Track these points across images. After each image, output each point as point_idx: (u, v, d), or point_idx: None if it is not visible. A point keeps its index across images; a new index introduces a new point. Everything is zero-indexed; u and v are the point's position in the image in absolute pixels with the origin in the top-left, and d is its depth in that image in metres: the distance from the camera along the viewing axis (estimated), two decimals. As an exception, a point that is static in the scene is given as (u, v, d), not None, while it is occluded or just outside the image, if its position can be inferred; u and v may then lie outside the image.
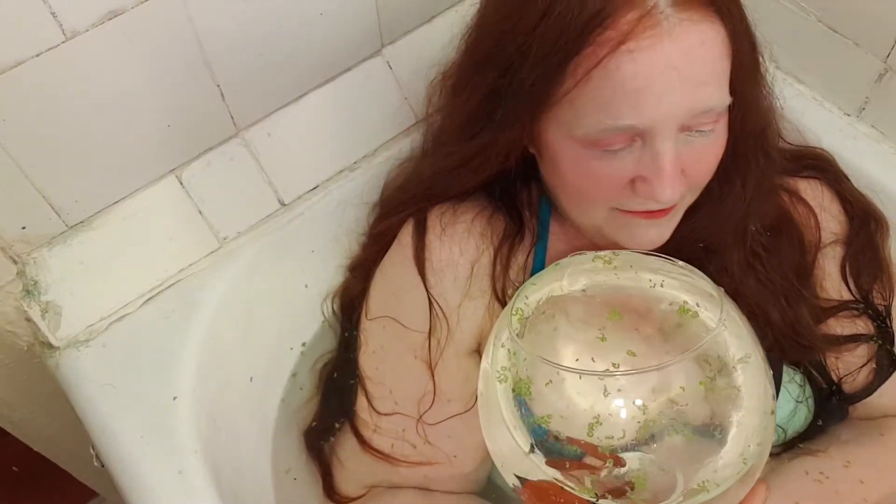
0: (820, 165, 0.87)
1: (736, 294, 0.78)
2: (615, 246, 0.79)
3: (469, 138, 0.75)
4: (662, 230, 0.74)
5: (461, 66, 0.77)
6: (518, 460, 0.65)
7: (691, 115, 0.65)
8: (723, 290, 0.69)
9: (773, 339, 0.79)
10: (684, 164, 0.68)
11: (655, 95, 0.63)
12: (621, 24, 0.62)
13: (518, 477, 0.66)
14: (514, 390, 0.66)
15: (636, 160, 0.67)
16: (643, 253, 0.72)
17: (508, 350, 0.67)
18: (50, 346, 0.82)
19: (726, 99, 0.66)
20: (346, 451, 0.84)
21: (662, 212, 0.71)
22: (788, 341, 0.80)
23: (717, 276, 0.78)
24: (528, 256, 0.82)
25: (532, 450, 0.64)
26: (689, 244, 0.79)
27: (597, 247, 0.82)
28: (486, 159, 0.75)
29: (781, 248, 0.81)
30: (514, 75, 0.67)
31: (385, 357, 0.82)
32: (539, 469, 0.63)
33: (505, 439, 0.66)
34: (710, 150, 0.69)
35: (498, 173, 0.77)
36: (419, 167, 0.89)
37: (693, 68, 0.63)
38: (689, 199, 0.74)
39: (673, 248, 0.79)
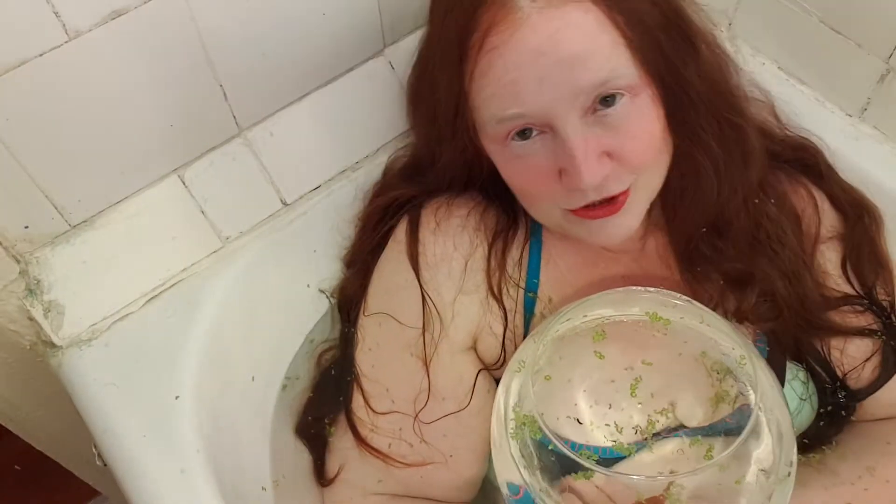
0: (805, 161, 0.86)
1: (747, 274, 0.79)
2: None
3: (435, 142, 0.80)
4: (623, 220, 0.72)
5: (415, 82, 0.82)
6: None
7: (581, 94, 0.65)
8: (752, 345, 0.72)
9: (785, 317, 0.79)
10: (606, 147, 0.67)
11: (533, 82, 0.65)
12: (482, 24, 0.65)
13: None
14: (524, 424, 0.69)
15: (552, 152, 0.68)
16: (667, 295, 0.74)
17: (517, 409, 0.70)
18: (52, 345, 0.82)
19: (622, 70, 0.66)
20: (342, 449, 0.84)
21: (611, 205, 0.70)
22: (798, 318, 0.80)
23: (728, 261, 0.79)
24: (522, 252, 0.82)
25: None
26: (693, 231, 0.79)
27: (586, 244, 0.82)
28: (456, 166, 0.80)
29: (784, 223, 0.81)
30: (438, 91, 0.73)
31: (381, 354, 0.83)
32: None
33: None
34: (632, 125, 0.68)
35: (486, 172, 0.79)
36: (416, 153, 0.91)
37: (563, 50, 0.64)
38: (643, 182, 0.72)
39: (682, 239, 0.79)
